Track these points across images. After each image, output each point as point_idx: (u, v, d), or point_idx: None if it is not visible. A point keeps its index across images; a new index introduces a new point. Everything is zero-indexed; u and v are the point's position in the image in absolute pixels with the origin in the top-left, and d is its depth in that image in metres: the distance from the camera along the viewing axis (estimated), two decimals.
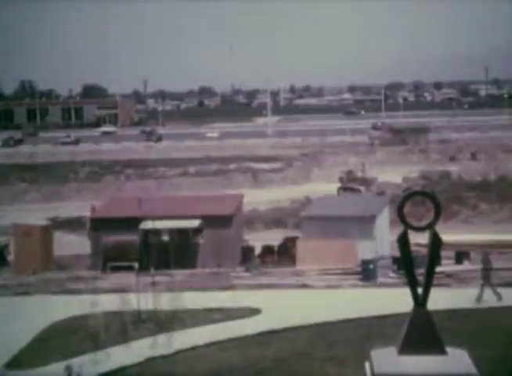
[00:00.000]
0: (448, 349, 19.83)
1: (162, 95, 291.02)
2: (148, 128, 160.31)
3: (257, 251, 47.85)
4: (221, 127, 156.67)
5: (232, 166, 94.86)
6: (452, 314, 31.32)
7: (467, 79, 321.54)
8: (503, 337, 28.39)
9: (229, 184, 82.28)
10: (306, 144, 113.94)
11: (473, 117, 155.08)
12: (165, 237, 46.32)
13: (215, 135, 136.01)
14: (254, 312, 33.92)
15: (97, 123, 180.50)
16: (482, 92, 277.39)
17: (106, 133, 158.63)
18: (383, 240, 45.29)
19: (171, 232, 46.11)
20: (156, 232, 46.00)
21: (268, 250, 47.42)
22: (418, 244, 31.10)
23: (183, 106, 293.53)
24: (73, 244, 52.36)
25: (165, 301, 34.29)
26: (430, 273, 20.31)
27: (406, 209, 20.04)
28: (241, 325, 31.93)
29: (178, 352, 28.71)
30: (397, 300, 29.83)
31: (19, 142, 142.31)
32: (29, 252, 46.06)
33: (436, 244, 20.19)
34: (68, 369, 22.34)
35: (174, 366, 27.25)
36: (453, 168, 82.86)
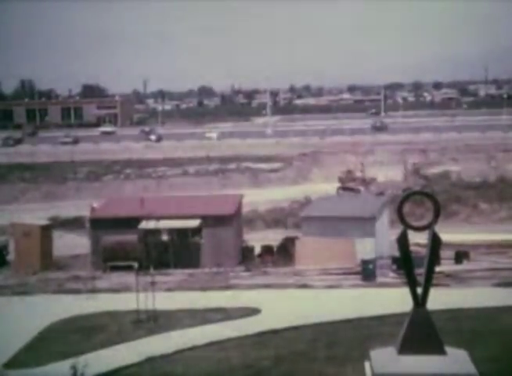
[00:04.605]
0: (448, 349, 19.83)
1: (162, 95, 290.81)
2: (147, 128, 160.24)
3: (257, 250, 47.88)
4: (221, 127, 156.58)
5: (232, 166, 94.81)
6: (452, 314, 31.32)
7: (467, 79, 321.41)
8: (503, 337, 28.38)
9: (229, 184, 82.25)
10: (306, 144, 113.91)
11: (472, 116, 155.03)
12: (165, 237, 46.34)
13: (214, 135, 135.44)
14: (253, 311, 33.92)
15: (97, 123, 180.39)
16: (482, 92, 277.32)
17: (105, 133, 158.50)
18: (382, 240, 45.29)
19: (171, 232, 46.12)
20: (156, 232, 46.00)
21: (267, 250, 47.43)
22: (418, 244, 31.15)
23: (183, 106, 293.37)
24: (72, 244, 52.32)
25: (165, 301, 34.30)
26: (429, 273, 20.31)
27: (406, 209, 20.06)
28: (241, 325, 31.93)
29: (178, 352, 28.70)
30: (396, 300, 29.84)
31: (19, 141, 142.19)
32: (29, 252, 46.06)
33: (435, 243, 20.19)
34: (74, 368, 22.38)
35: (174, 366, 27.25)
36: (454, 168, 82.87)
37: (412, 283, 20.17)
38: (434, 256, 20.45)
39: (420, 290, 20.31)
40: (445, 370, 18.96)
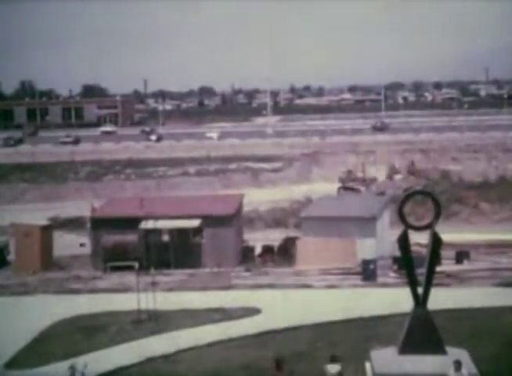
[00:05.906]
0: (448, 349, 19.82)
1: (162, 95, 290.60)
2: (148, 128, 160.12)
3: (258, 250, 47.83)
4: (222, 127, 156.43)
5: (233, 166, 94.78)
6: (453, 314, 31.29)
7: (467, 79, 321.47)
8: (504, 336, 28.36)
9: (229, 184, 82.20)
10: (306, 144, 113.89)
11: (473, 116, 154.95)
12: (165, 237, 46.33)
13: (214, 135, 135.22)
14: (254, 311, 33.89)
15: (97, 123, 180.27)
16: (482, 92, 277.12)
17: (106, 133, 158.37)
18: (383, 240, 45.25)
19: (172, 232, 46.09)
20: (157, 232, 45.97)
21: (268, 250, 47.39)
22: (418, 244, 31.13)
23: (183, 105, 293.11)
24: (73, 244, 52.28)
25: (165, 301, 34.28)
26: (430, 273, 20.30)
27: (407, 209, 20.04)
28: (241, 325, 31.91)
29: (179, 352, 28.68)
30: (397, 300, 29.84)
31: (20, 141, 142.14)
32: (29, 252, 46.01)
33: (436, 243, 20.19)
34: (72, 368, 22.37)
35: (175, 366, 27.24)
36: (454, 168, 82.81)
37: (412, 283, 20.18)
38: (434, 256, 20.46)
39: (420, 290, 20.31)
40: (445, 370, 18.95)
